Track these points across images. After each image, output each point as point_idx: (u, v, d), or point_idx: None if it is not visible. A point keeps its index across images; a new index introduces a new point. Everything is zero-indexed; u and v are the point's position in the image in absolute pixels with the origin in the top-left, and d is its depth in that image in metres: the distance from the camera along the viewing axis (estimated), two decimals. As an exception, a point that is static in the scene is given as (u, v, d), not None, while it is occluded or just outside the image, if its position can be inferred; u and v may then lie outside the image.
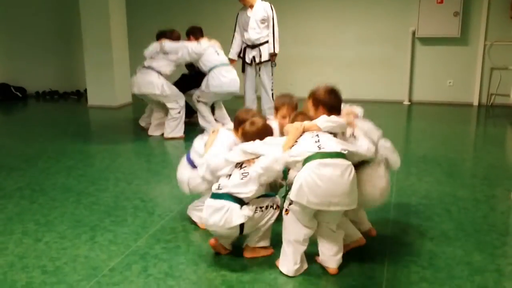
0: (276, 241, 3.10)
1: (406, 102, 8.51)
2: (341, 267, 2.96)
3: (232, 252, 3.16)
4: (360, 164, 2.94)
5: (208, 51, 6.16)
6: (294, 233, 2.87)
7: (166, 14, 9.14)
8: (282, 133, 3.25)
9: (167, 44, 6.19)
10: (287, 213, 2.88)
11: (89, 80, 8.26)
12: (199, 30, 6.39)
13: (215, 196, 2.97)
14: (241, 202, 2.90)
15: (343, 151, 2.75)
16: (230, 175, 3.00)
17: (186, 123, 6.56)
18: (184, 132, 6.34)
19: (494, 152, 6.01)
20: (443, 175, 4.84)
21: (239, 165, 3.01)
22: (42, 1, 9.43)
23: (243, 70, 6.79)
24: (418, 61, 8.40)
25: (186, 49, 6.12)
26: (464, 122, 7.61)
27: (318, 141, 2.79)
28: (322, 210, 2.76)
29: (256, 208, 2.94)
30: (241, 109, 3.56)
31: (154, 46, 6.25)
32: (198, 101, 6.33)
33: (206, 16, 8.95)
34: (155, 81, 6.09)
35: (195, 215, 3.63)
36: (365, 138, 2.97)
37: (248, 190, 2.90)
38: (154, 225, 3.64)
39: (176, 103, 6.23)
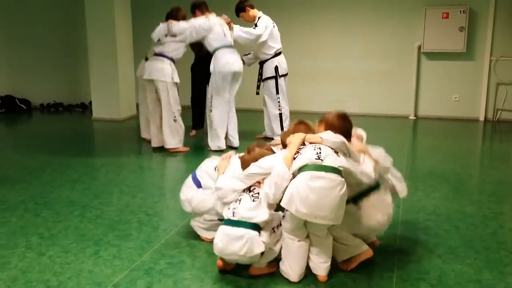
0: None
1: (412, 117, 8.48)
2: (349, 284, 2.92)
3: (237, 267, 3.11)
4: (367, 192, 2.99)
5: (216, 28, 6.09)
6: (289, 241, 2.96)
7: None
8: None
9: (175, 26, 6.07)
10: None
11: (94, 93, 8.28)
12: (204, 4, 6.31)
13: (231, 223, 2.94)
14: (257, 227, 2.88)
15: (339, 168, 2.78)
16: (239, 200, 2.99)
17: (192, 137, 6.55)
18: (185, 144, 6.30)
19: (501, 168, 5.96)
20: (450, 191, 4.79)
21: (247, 189, 3.03)
22: (47, 14, 9.49)
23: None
24: (424, 75, 8.39)
25: (194, 26, 6.03)
26: (470, 138, 7.57)
27: (320, 153, 2.81)
28: (311, 222, 2.81)
29: (270, 231, 2.95)
30: (254, 143, 3.50)
31: (162, 28, 6.13)
32: (211, 110, 6.20)
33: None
34: (167, 68, 6.00)
35: (199, 229, 3.59)
36: (370, 165, 3.00)
37: (262, 213, 2.88)
38: (159, 240, 3.61)
39: (175, 101, 6.11)
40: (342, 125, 3.10)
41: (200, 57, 6.74)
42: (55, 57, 9.63)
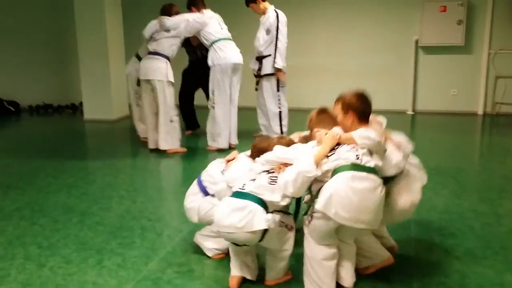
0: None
1: (410, 112, 8.39)
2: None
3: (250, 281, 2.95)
4: (391, 177, 2.77)
5: (211, 22, 5.92)
6: (318, 251, 2.68)
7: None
8: None
9: (167, 20, 5.90)
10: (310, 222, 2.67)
11: (85, 93, 8.06)
12: (200, 0, 6.14)
13: (237, 195, 2.70)
14: (265, 206, 2.64)
15: (376, 167, 2.60)
16: (255, 179, 2.75)
17: (189, 136, 6.38)
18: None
19: (507, 163, 5.87)
20: (459, 188, 4.68)
21: (266, 171, 2.79)
22: (35, 13, 9.25)
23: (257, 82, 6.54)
24: (422, 70, 8.30)
25: (188, 21, 5.86)
26: (471, 132, 7.49)
27: (358, 154, 2.60)
28: (345, 227, 2.57)
29: (280, 222, 2.70)
30: (259, 138, 3.36)
31: (153, 24, 5.96)
32: (213, 106, 6.02)
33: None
34: (163, 67, 5.82)
35: (205, 247, 3.31)
36: (396, 152, 2.80)
37: (275, 195, 2.65)
38: (164, 247, 3.44)
39: (171, 100, 5.94)
40: (362, 105, 2.84)
41: (194, 61, 6.55)
42: (44, 56, 9.39)
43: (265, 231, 2.60)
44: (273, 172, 2.75)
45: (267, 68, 6.30)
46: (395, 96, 8.39)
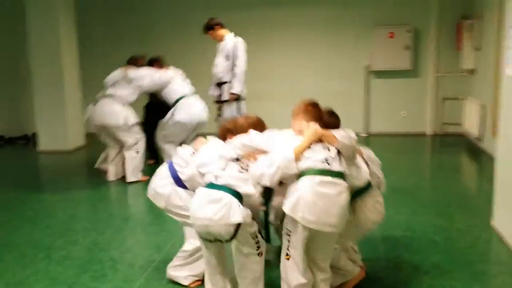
0: None
1: (364, 134, 8.64)
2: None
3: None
4: (357, 193, 2.87)
5: (175, 80, 5.95)
6: (296, 279, 2.69)
7: (120, 52, 8.92)
8: None
9: (132, 71, 5.89)
10: (288, 258, 2.68)
11: (40, 123, 7.83)
12: (161, 59, 6.20)
13: (212, 186, 2.69)
14: (240, 198, 2.64)
15: (344, 172, 2.67)
16: (225, 168, 2.75)
17: (150, 165, 6.32)
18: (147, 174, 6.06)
19: (458, 180, 6.16)
20: (418, 206, 4.86)
21: (235, 159, 2.81)
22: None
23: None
24: (373, 93, 8.60)
25: (153, 76, 5.86)
26: (422, 152, 7.80)
27: (329, 156, 2.66)
28: (316, 236, 2.62)
29: (254, 231, 2.70)
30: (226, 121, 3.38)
31: (117, 73, 5.92)
32: (165, 142, 6.07)
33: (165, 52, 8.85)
34: (119, 111, 5.73)
35: (180, 277, 3.26)
36: (364, 165, 2.92)
37: (248, 187, 2.67)
38: (138, 279, 3.39)
39: (136, 139, 5.90)
40: (332, 120, 3.01)
41: (154, 99, 6.56)
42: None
43: (238, 227, 2.59)
44: (242, 161, 2.77)
45: (227, 94, 6.34)
46: (349, 119, 8.51)
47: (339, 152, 2.73)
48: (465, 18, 7.73)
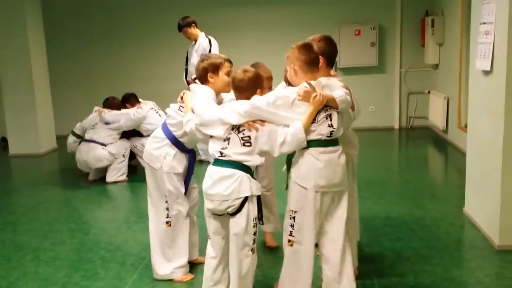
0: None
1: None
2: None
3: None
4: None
5: (150, 114, 6.06)
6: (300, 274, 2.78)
7: (88, 48, 8.85)
8: None
9: (107, 114, 6.05)
10: (292, 244, 2.78)
11: (10, 127, 7.69)
12: (133, 96, 6.31)
13: (220, 163, 2.75)
14: (249, 171, 2.74)
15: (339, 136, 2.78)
16: (228, 139, 2.75)
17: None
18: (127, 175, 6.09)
19: (429, 171, 6.42)
20: (394, 197, 5.07)
21: (236, 127, 2.75)
22: None
23: None
24: (342, 90, 8.79)
25: (128, 115, 5.99)
26: (391, 145, 8.06)
27: (331, 126, 2.70)
28: (326, 219, 2.75)
29: (254, 217, 2.76)
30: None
31: (93, 117, 6.13)
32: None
33: (130, 58, 8.84)
34: (102, 154, 5.89)
35: (168, 273, 3.34)
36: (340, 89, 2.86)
37: (255, 158, 2.74)
38: (131, 276, 3.46)
39: (123, 150, 6.09)
40: (331, 48, 3.07)
41: None
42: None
43: (245, 199, 2.69)
44: (243, 130, 2.73)
45: None
46: (319, 115, 8.82)
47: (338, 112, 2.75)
48: (429, 15, 8.02)
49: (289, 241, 2.78)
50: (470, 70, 4.33)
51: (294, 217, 2.74)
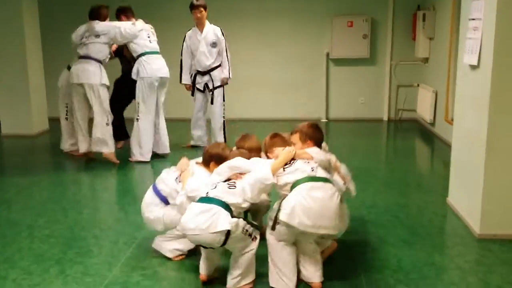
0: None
1: (324, 120, 8.96)
2: (323, 281, 3.08)
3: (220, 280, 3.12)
4: None
5: (141, 34, 5.96)
6: (281, 254, 2.97)
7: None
8: None
9: (97, 25, 5.83)
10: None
11: (3, 107, 7.70)
12: (129, 9, 6.16)
13: (203, 200, 2.89)
14: (229, 209, 2.84)
15: (330, 178, 2.97)
16: (215, 186, 2.97)
17: (119, 148, 6.40)
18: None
19: (415, 162, 6.58)
20: (381, 186, 5.21)
21: (225, 181, 3.02)
22: None
23: (193, 94, 6.66)
24: (333, 81, 8.91)
25: (119, 29, 5.83)
26: (380, 136, 8.20)
27: (312, 167, 2.96)
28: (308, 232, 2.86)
29: (243, 228, 2.87)
30: (209, 145, 3.59)
31: (82, 28, 5.89)
32: (137, 119, 6.03)
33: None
34: (94, 70, 5.76)
35: (166, 248, 3.46)
36: (340, 179, 3.32)
37: (237, 197, 2.89)
38: (124, 253, 3.56)
39: (107, 105, 5.92)
40: (317, 134, 3.32)
41: (127, 71, 6.47)
42: None
43: (228, 234, 2.77)
44: (231, 181, 3.00)
45: (217, 80, 6.53)
46: (310, 105, 8.93)
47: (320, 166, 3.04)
48: (421, 9, 8.14)
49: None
50: (458, 64, 4.45)
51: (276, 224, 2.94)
